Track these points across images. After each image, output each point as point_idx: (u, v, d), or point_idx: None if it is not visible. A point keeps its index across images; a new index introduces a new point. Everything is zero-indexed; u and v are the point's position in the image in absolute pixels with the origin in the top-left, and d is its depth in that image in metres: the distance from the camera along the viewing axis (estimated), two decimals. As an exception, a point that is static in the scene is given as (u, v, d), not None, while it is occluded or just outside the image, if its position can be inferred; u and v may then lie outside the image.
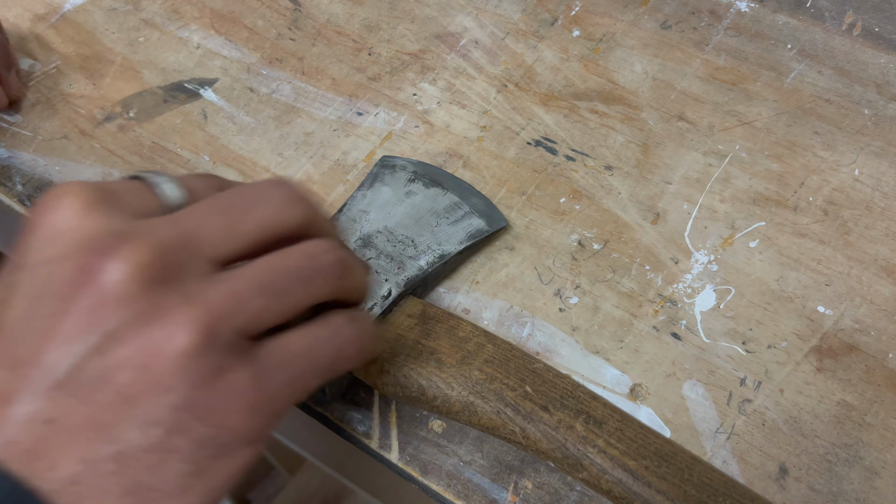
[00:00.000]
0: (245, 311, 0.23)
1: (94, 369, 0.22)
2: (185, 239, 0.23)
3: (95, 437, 0.22)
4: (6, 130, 0.49)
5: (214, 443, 0.23)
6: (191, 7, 0.55)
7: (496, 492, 0.36)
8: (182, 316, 0.22)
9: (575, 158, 0.46)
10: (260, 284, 0.24)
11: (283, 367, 0.24)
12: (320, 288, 0.26)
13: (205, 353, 0.22)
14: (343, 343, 0.26)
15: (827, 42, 0.49)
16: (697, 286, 0.41)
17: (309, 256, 0.26)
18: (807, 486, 0.35)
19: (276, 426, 0.25)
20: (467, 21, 0.53)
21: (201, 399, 0.22)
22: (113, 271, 0.22)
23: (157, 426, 0.22)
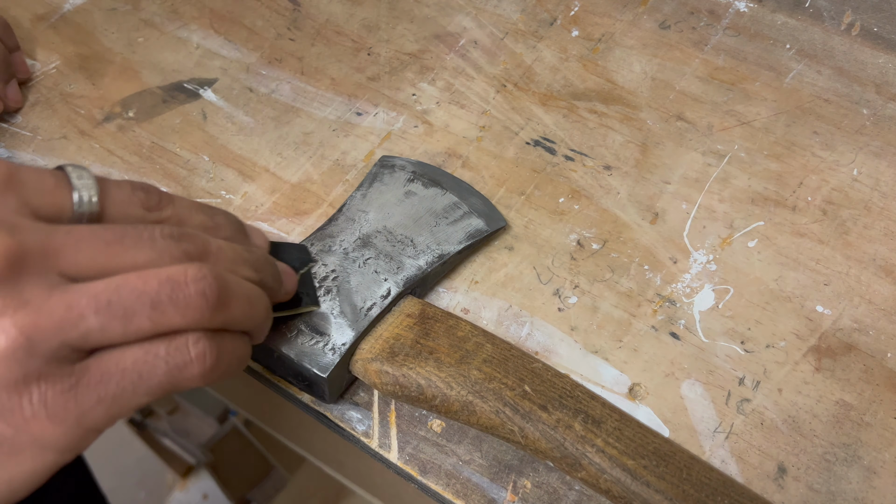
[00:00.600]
0: (77, 327, 0.24)
1: None
2: (48, 251, 0.24)
3: None
4: (6, 130, 0.49)
5: (11, 441, 0.24)
6: (190, 7, 0.55)
7: (495, 491, 0.36)
8: (7, 320, 0.23)
9: (574, 158, 0.46)
10: (102, 303, 0.24)
11: (102, 382, 0.24)
12: (175, 317, 0.25)
13: (18, 359, 0.23)
14: (186, 362, 0.26)
15: (826, 42, 0.49)
16: (696, 286, 0.41)
17: (172, 282, 0.25)
18: (805, 486, 0.35)
19: (90, 438, 0.25)
20: (466, 21, 0.53)
21: (7, 400, 0.23)
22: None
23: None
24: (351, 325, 0.35)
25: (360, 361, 0.35)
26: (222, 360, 0.27)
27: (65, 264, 0.24)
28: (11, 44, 0.51)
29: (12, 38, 0.51)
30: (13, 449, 0.24)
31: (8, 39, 0.50)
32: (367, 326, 0.35)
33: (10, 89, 0.49)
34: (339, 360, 0.35)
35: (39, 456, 0.25)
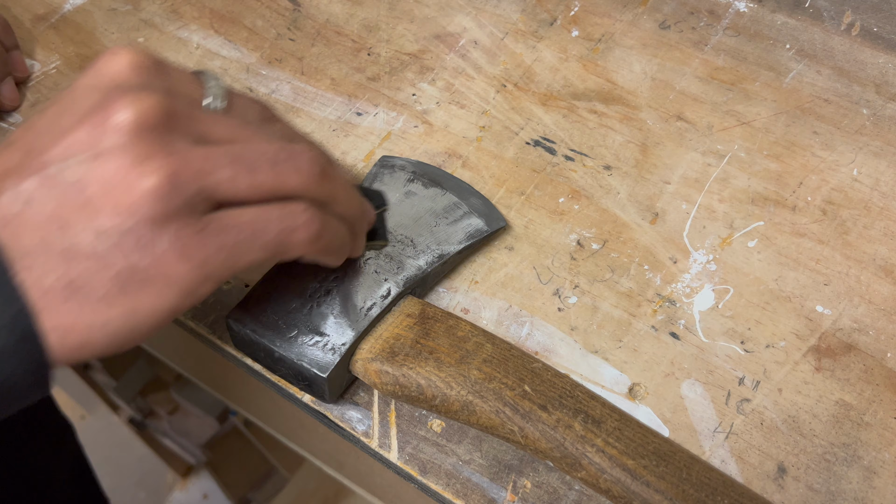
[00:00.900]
0: (212, 176, 0.27)
1: (75, 174, 0.26)
2: (192, 118, 0.28)
3: (56, 228, 0.26)
4: (6, 131, 0.49)
5: (143, 272, 0.27)
6: (190, 7, 0.55)
7: (495, 491, 0.36)
8: (158, 163, 0.26)
9: (574, 158, 0.46)
10: (233, 157, 0.28)
11: (224, 232, 0.28)
12: (290, 178, 0.30)
13: (164, 198, 0.26)
14: (295, 226, 0.30)
15: (826, 42, 0.49)
16: (696, 286, 0.41)
17: (289, 150, 0.30)
18: (805, 486, 0.35)
19: (207, 286, 0.28)
20: (466, 21, 0.53)
21: (148, 233, 0.26)
22: (123, 112, 0.27)
23: (106, 239, 0.26)
24: (351, 324, 0.35)
25: (360, 361, 0.35)
26: (325, 234, 0.31)
27: (203, 130, 0.29)
28: (9, 42, 0.51)
29: (11, 36, 0.51)
30: (144, 281, 0.27)
31: (6, 38, 0.50)
32: (367, 326, 0.36)
33: (5, 88, 0.49)
34: (339, 359, 0.35)
35: (164, 291, 0.27)
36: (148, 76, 0.29)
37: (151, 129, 0.27)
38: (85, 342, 0.27)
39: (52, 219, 0.26)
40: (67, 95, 0.29)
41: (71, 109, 0.28)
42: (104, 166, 0.26)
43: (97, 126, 0.27)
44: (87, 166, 0.26)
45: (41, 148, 0.27)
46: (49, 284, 0.26)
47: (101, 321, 0.27)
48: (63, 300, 0.26)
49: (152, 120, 0.27)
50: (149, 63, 0.29)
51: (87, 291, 0.26)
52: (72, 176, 0.26)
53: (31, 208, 0.26)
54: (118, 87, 0.28)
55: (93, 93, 0.28)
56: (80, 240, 0.26)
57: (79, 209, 0.26)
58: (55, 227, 0.26)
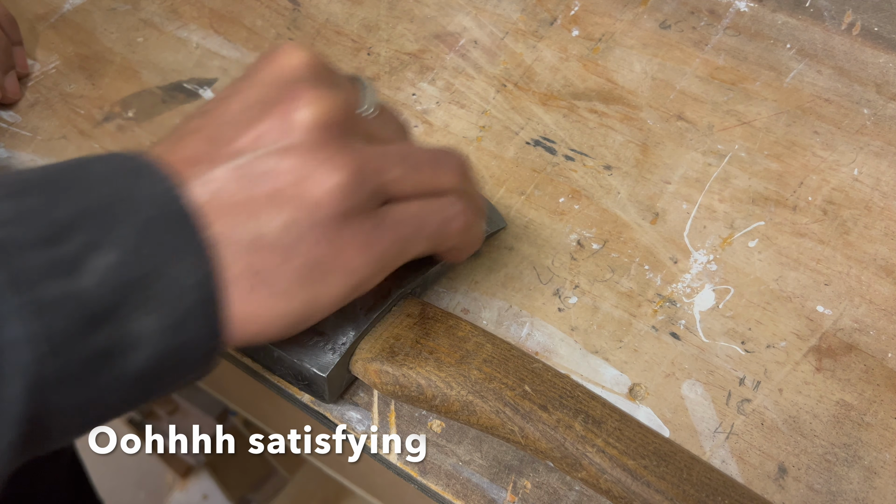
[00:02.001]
0: (387, 172, 0.29)
1: (265, 166, 0.27)
2: (362, 120, 0.30)
3: (243, 218, 0.26)
4: (5, 130, 0.49)
5: (326, 264, 0.28)
6: (190, 7, 0.55)
7: (495, 491, 0.36)
8: (343, 159, 0.28)
9: (574, 158, 0.46)
10: (402, 157, 0.30)
11: (396, 225, 0.30)
12: (445, 176, 0.32)
13: (350, 193, 0.27)
14: (450, 216, 0.32)
15: (826, 42, 0.49)
16: (696, 286, 0.41)
17: (442, 152, 0.33)
18: (806, 486, 0.35)
19: (380, 275, 0.30)
20: (466, 21, 0.53)
21: (333, 227, 0.27)
22: (308, 108, 0.28)
23: (292, 232, 0.27)
24: (351, 324, 0.35)
25: (360, 361, 0.35)
26: (472, 222, 0.34)
27: (370, 131, 0.30)
28: (15, 37, 0.51)
29: (16, 32, 0.52)
30: (325, 273, 0.28)
31: (12, 32, 0.51)
32: (367, 326, 0.35)
33: (9, 80, 0.49)
34: (338, 359, 0.35)
35: (341, 283, 0.28)
36: (322, 75, 0.30)
37: (334, 127, 0.28)
38: (261, 331, 0.28)
39: (241, 208, 0.26)
40: (246, 87, 0.29)
41: (253, 101, 0.28)
42: (293, 160, 0.27)
43: (283, 119, 0.27)
44: (277, 159, 0.27)
45: (228, 137, 0.27)
46: (236, 273, 0.26)
47: (281, 312, 0.28)
48: (248, 290, 0.27)
49: (335, 117, 0.28)
50: (321, 63, 0.30)
51: (271, 282, 0.27)
52: (261, 167, 0.27)
53: (221, 196, 0.26)
54: (298, 83, 0.28)
55: (273, 87, 0.29)
56: (268, 230, 0.27)
57: (268, 200, 0.27)
58: (244, 216, 0.26)
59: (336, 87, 0.29)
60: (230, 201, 0.26)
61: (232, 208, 0.26)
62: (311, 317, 0.29)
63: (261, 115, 0.28)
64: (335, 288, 0.28)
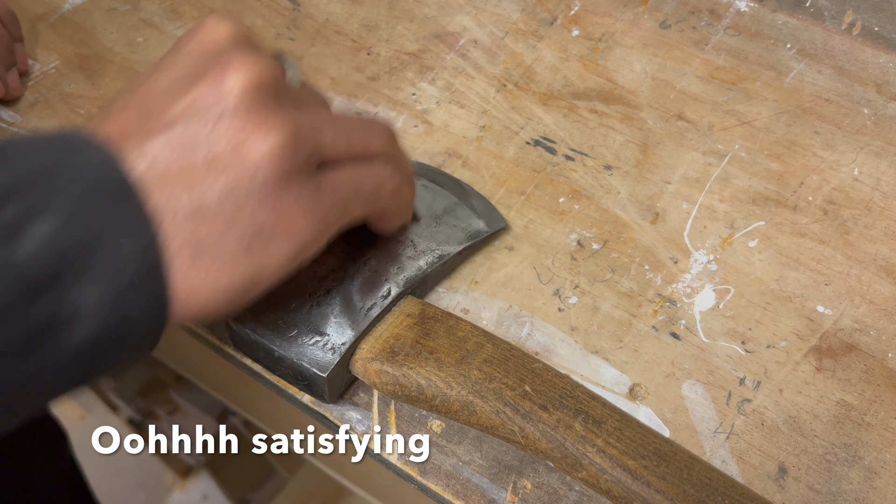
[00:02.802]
0: (321, 136, 0.29)
1: (198, 134, 0.26)
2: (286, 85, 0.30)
3: (180, 188, 0.26)
4: (5, 130, 0.49)
5: (268, 230, 0.27)
6: (190, 7, 0.55)
7: (495, 492, 0.35)
8: (278, 121, 0.27)
9: (574, 158, 0.46)
10: (334, 123, 0.30)
11: (334, 188, 0.30)
12: (374, 140, 0.32)
13: (287, 155, 0.27)
14: (382, 179, 0.33)
15: (826, 41, 0.49)
16: (697, 286, 0.41)
17: (368, 118, 0.33)
18: (806, 486, 0.35)
19: (322, 239, 0.30)
20: (466, 21, 0.53)
21: (273, 191, 0.27)
22: (238, 74, 0.27)
23: (232, 199, 0.26)
24: (351, 324, 0.35)
25: (360, 361, 0.35)
26: (403, 187, 0.34)
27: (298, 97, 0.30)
28: (16, 34, 0.51)
29: (18, 28, 0.52)
30: (268, 239, 0.28)
31: (13, 29, 0.51)
32: (367, 326, 0.35)
33: (10, 77, 0.50)
34: (338, 359, 0.35)
35: (285, 248, 0.28)
36: (248, 44, 0.30)
37: (266, 91, 0.28)
38: (206, 304, 0.27)
39: (178, 177, 0.26)
40: (173, 61, 0.29)
41: (182, 72, 0.28)
42: (227, 125, 0.27)
43: (214, 86, 0.27)
44: (211, 126, 0.27)
45: (160, 109, 0.27)
46: (178, 244, 0.26)
47: (226, 282, 0.27)
48: (191, 261, 0.26)
49: (266, 82, 0.28)
50: (246, 34, 0.30)
51: (214, 251, 0.26)
52: (196, 135, 0.26)
53: (158, 167, 0.26)
54: (226, 52, 0.28)
55: (201, 58, 0.28)
56: (208, 198, 0.26)
57: (205, 168, 0.26)
58: (182, 186, 0.26)
59: (263, 55, 0.29)
60: (167, 171, 0.26)
61: (169, 178, 0.26)
62: (256, 285, 0.28)
63: (191, 84, 0.28)
64: (280, 252, 0.28)
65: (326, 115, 0.30)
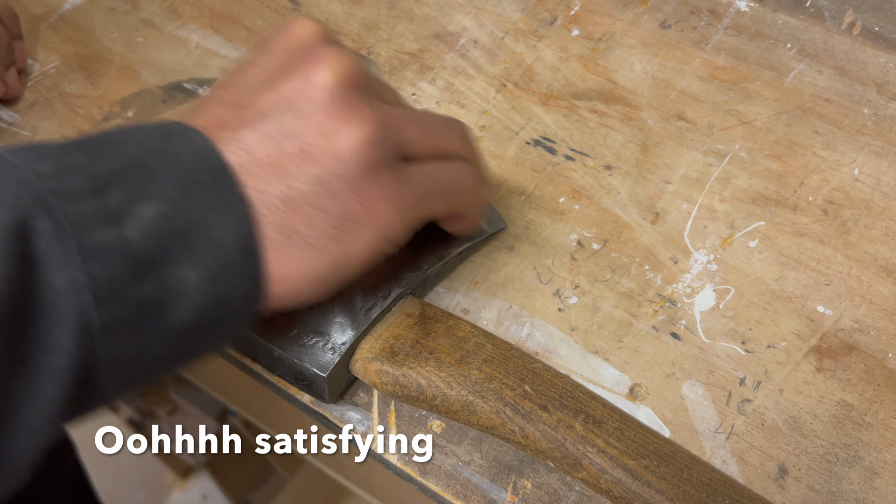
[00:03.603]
0: (405, 130, 0.30)
1: (291, 126, 0.28)
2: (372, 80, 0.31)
3: (274, 177, 0.27)
4: (5, 130, 0.49)
5: (357, 219, 0.28)
6: (190, 7, 0.55)
7: (495, 492, 0.35)
8: (367, 115, 0.28)
9: (574, 158, 0.46)
10: (417, 119, 0.31)
11: (418, 180, 0.31)
12: (453, 140, 0.33)
13: (375, 146, 0.28)
14: (462, 176, 0.34)
15: (827, 41, 0.49)
16: (697, 286, 0.41)
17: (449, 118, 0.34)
18: (806, 486, 0.35)
19: (403, 234, 0.31)
20: (466, 20, 0.53)
21: (363, 180, 0.28)
22: (327, 69, 0.28)
23: (323, 187, 0.27)
24: (351, 324, 0.35)
25: (360, 361, 0.35)
26: (478, 187, 0.35)
27: (382, 94, 0.31)
28: (15, 31, 0.51)
29: (17, 26, 0.52)
30: (357, 224, 0.29)
31: (12, 27, 0.51)
32: (367, 326, 0.35)
33: (10, 75, 0.49)
34: (338, 359, 0.35)
35: (372, 233, 0.29)
36: (335, 41, 0.31)
37: (354, 86, 0.29)
38: (295, 290, 0.28)
39: (271, 167, 0.27)
40: (262, 58, 0.30)
41: (272, 69, 0.29)
42: (318, 118, 0.28)
43: (305, 81, 0.28)
44: (302, 118, 0.28)
45: (252, 102, 0.28)
46: (270, 231, 0.27)
47: (316, 269, 0.28)
48: (283, 247, 0.27)
49: (355, 77, 0.29)
50: (331, 34, 0.31)
51: (304, 239, 0.27)
52: (287, 127, 0.28)
53: (252, 157, 0.27)
54: (314, 48, 0.29)
55: (290, 54, 0.30)
56: (299, 188, 0.27)
57: (296, 158, 0.27)
58: (275, 175, 0.27)
59: (351, 51, 0.30)
60: (261, 161, 0.27)
61: (263, 168, 0.27)
62: (343, 272, 0.29)
63: (282, 78, 0.29)
64: (366, 241, 0.29)
65: (410, 111, 0.31)
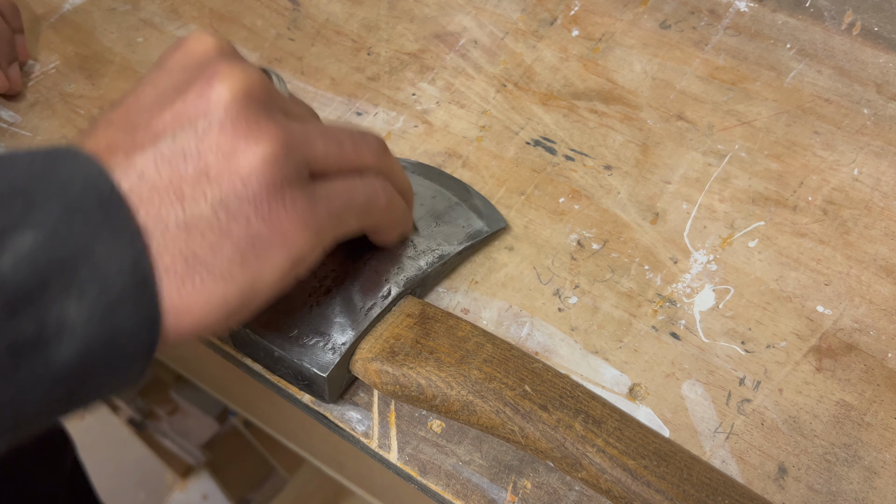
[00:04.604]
0: (312, 146, 0.29)
1: (187, 146, 0.26)
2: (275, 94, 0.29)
3: (170, 201, 0.25)
4: (5, 130, 0.49)
5: (264, 241, 0.27)
6: (190, 7, 0.55)
7: (495, 492, 0.35)
8: (268, 131, 0.27)
9: (574, 158, 0.46)
10: (325, 134, 0.30)
11: (328, 199, 0.29)
12: (365, 154, 0.32)
13: (279, 164, 0.27)
14: (374, 192, 0.32)
15: (826, 41, 0.49)
16: (696, 286, 0.41)
17: (359, 131, 0.33)
18: (806, 486, 0.35)
19: (317, 250, 0.29)
20: (466, 21, 0.53)
21: (266, 200, 0.27)
22: (225, 85, 0.27)
23: (224, 210, 0.26)
24: (351, 324, 0.35)
25: (360, 361, 0.35)
26: (395, 201, 0.34)
27: (287, 108, 0.30)
28: (16, 26, 0.51)
29: (18, 20, 0.51)
30: (263, 251, 0.27)
31: (13, 20, 0.50)
32: (367, 326, 0.35)
33: (12, 71, 0.49)
34: (339, 359, 0.35)
35: (281, 255, 0.28)
36: (233, 56, 0.29)
37: (253, 102, 0.27)
38: (199, 322, 0.26)
39: (167, 192, 0.25)
40: (157, 75, 0.29)
41: (167, 86, 0.28)
42: (216, 136, 0.26)
43: (200, 97, 0.27)
44: (199, 137, 0.26)
45: (145, 123, 0.27)
46: (168, 260, 0.25)
47: (220, 299, 0.26)
48: (183, 277, 0.25)
49: (254, 91, 0.27)
50: (230, 47, 0.30)
51: (208, 266, 0.26)
52: (182, 147, 0.26)
53: (145, 182, 0.25)
54: (211, 63, 0.28)
55: (185, 70, 0.28)
56: (199, 211, 0.26)
57: (194, 181, 0.26)
58: (171, 200, 0.25)
59: (250, 65, 0.29)
60: (156, 185, 0.25)
61: (158, 191, 0.25)
62: (251, 300, 0.27)
63: (177, 96, 0.27)
64: (275, 264, 0.27)
65: (317, 125, 0.30)
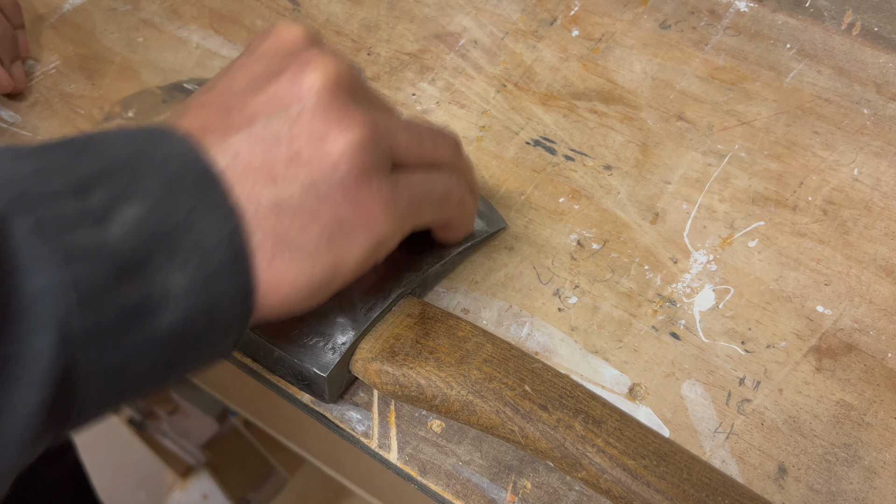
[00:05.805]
0: (396, 136, 0.30)
1: (280, 130, 0.27)
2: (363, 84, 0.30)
3: (263, 182, 0.26)
4: (5, 130, 0.49)
5: (349, 223, 0.28)
6: (190, 7, 0.55)
7: (495, 491, 0.36)
8: (357, 118, 0.28)
9: (574, 158, 0.46)
10: (408, 127, 0.31)
11: (409, 188, 0.30)
12: (442, 150, 0.33)
13: (366, 150, 0.28)
14: (450, 187, 0.33)
15: (826, 42, 0.49)
16: (696, 286, 0.41)
17: (438, 127, 0.34)
18: (806, 486, 0.35)
19: (398, 236, 0.30)
20: (466, 21, 0.53)
21: (354, 184, 0.27)
22: (317, 72, 0.28)
23: (314, 192, 0.27)
24: (351, 324, 0.35)
25: (360, 361, 0.35)
26: (466, 197, 0.35)
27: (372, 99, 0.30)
28: (17, 21, 0.51)
29: (19, 15, 0.51)
30: (348, 233, 0.28)
31: (14, 16, 0.50)
32: (367, 326, 0.35)
33: (15, 69, 0.49)
34: (339, 359, 0.35)
35: (365, 238, 0.29)
36: (323, 44, 0.30)
37: (344, 89, 0.28)
38: (286, 299, 0.27)
39: (260, 173, 0.26)
40: (249, 61, 0.29)
41: (259, 72, 0.29)
42: (308, 121, 0.27)
43: (293, 84, 0.27)
44: (292, 121, 0.27)
45: (239, 107, 0.28)
46: (259, 238, 0.26)
47: (306, 277, 0.27)
48: (272, 255, 0.26)
49: (344, 80, 0.28)
50: (318, 37, 0.31)
51: (295, 246, 0.27)
52: (277, 131, 0.27)
53: (239, 162, 0.26)
54: (302, 51, 0.29)
55: (277, 57, 0.29)
56: (290, 193, 0.26)
57: (286, 163, 0.27)
58: (264, 181, 0.26)
59: (340, 54, 0.30)
60: (249, 166, 0.26)
61: (251, 173, 0.26)
62: (333, 281, 0.28)
63: (270, 82, 0.28)
64: (359, 247, 0.28)
65: (399, 118, 0.31)
